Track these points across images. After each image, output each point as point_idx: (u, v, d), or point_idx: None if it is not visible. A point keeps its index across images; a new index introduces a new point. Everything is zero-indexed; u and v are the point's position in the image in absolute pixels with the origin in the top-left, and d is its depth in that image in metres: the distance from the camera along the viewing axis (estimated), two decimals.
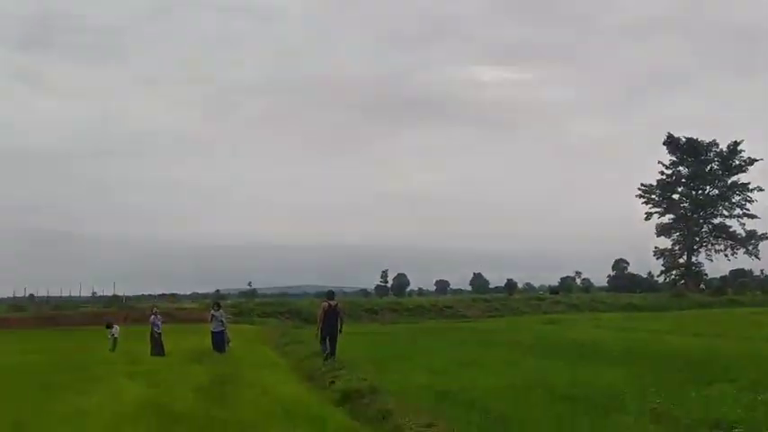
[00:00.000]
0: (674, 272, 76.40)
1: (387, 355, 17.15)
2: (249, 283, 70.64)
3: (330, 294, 17.19)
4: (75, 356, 17.15)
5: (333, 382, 11.98)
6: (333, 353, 15.82)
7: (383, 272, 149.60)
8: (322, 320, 16.08)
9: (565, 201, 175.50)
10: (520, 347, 18.87)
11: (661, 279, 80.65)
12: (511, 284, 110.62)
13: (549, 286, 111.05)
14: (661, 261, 76.23)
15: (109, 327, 20.73)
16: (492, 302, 60.46)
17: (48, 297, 65.06)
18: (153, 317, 19.22)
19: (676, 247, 74.97)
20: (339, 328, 16.15)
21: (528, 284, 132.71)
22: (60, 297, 65.00)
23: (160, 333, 18.92)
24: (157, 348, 18.49)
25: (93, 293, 79.55)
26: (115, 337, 19.85)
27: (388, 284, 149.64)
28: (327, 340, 15.97)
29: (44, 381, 11.76)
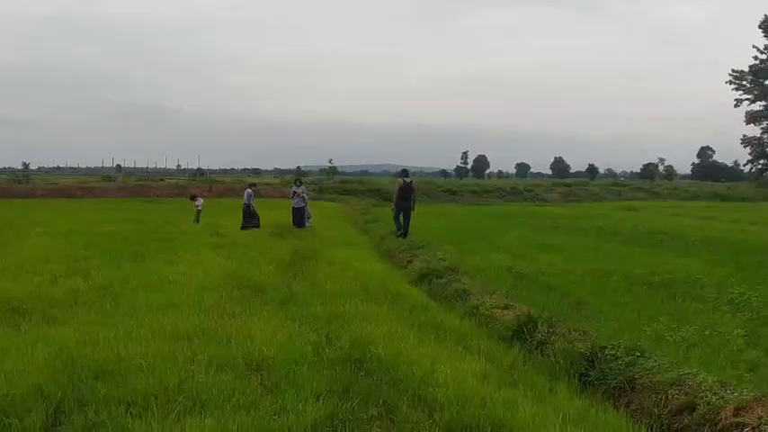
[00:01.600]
0: (761, 161, 71.79)
1: (465, 237, 17.17)
2: (330, 161, 71.12)
3: (405, 172, 17.69)
4: (163, 227, 17.78)
5: (411, 261, 11.98)
6: (406, 230, 16.30)
7: (463, 153, 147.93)
8: (398, 197, 16.55)
9: (651, 85, 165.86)
10: (599, 234, 18.68)
11: (747, 168, 76.58)
12: (592, 169, 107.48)
13: (631, 172, 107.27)
14: (748, 150, 71.73)
15: (193, 199, 21.23)
16: (572, 187, 59.28)
17: (135, 168, 68.04)
18: (249, 192, 19.47)
19: (765, 136, 69.90)
20: (412, 204, 16.56)
21: (609, 170, 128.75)
22: (146, 169, 67.97)
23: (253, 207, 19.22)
24: (254, 221, 18.82)
25: (178, 166, 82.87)
26: (199, 210, 20.31)
27: (468, 166, 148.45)
28: (401, 216, 16.45)
29: (134, 250, 12.21)
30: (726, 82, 69.43)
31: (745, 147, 71.80)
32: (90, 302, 7.37)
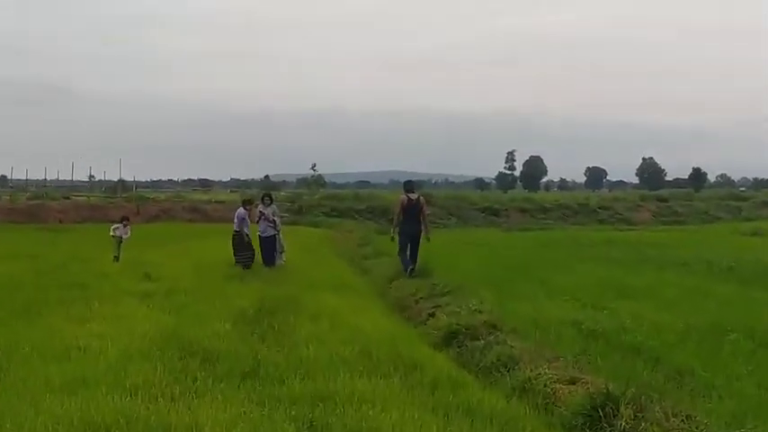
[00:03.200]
0: None
1: (510, 276, 17.16)
2: (313, 167, 71.47)
3: (409, 185, 17.97)
4: (68, 267, 17.78)
5: (433, 315, 11.96)
6: (414, 263, 16.82)
7: (509, 154, 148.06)
8: (399, 219, 17.21)
9: None
10: (709, 271, 18.70)
11: None
12: (698, 175, 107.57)
13: (757, 179, 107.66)
14: None
15: (122, 223, 21.11)
16: (669, 202, 59.26)
17: (27, 180, 67.98)
18: (242, 212, 19.41)
19: None
20: (423, 229, 17.13)
21: (723, 176, 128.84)
22: (44, 181, 67.86)
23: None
24: (249, 253, 18.77)
25: (91, 177, 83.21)
26: (121, 240, 20.21)
27: (516, 172, 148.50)
28: (408, 247, 16.99)
29: (26, 300, 12.19)
30: None
31: None
32: None
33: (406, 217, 17.10)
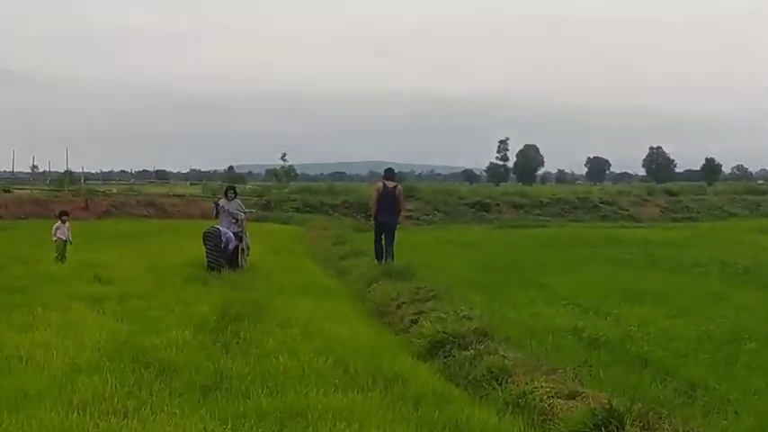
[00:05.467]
0: None
1: (504, 279, 17.23)
2: (283, 157, 71.29)
3: (389, 173, 19.19)
4: (8, 270, 17.64)
5: (416, 321, 11.97)
6: (390, 254, 18.03)
7: (501, 143, 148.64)
8: (377, 208, 18.37)
9: None
10: (723, 273, 18.77)
11: None
12: (711, 167, 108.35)
13: None
14: None
15: (62, 219, 20.87)
16: (679, 196, 59.54)
17: None
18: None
19: None
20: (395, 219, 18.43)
21: (739, 168, 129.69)
22: None
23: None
24: (224, 256, 18.38)
25: (34, 167, 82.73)
26: (64, 240, 20.07)
27: (509, 163, 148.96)
28: (383, 237, 18.27)
29: None
30: None
31: None
32: None
33: (380, 205, 18.22)
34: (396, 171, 20.25)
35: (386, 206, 18.25)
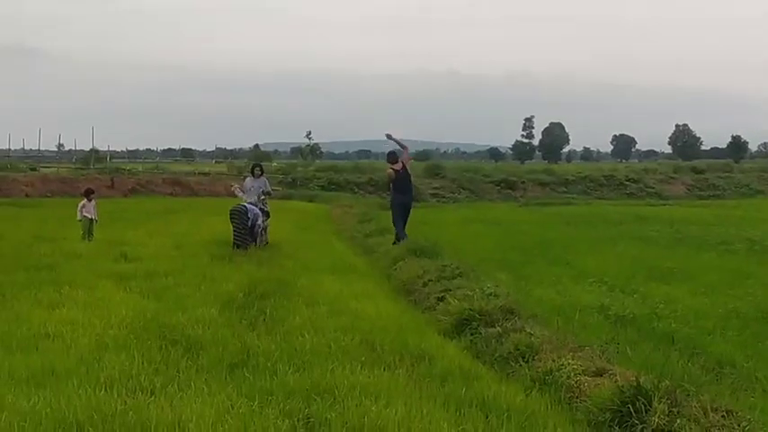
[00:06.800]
0: None
1: (530, 257, 17.23)
2: (308, 135, 71.22)
3: (392, 156, 19.54)
4: (35, 247, 17.76)
5: (442, 299, 11.96)
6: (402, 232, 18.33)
7: (526, 120, 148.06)
8: (394, 190, 18.88)
9: None
10: (751, 250, 18.78)
11: None
12: (738, 144, 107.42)
13: None
14: None
15: (88, 198, 20.87)
16: (705, 174, 59.10)
17: None
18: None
19: None
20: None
21: (766, 145, 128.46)
22: (7, 151, 67.75)
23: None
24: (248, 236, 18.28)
25: (60, 146, 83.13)
26: (90, 219, 20.12)
27: (534, 141, 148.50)
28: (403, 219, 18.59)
29: None
30: None
31: None
32: None
33: (396, 189, 18.64)
34: (395, 151, 20.27)
35: (403, 187, 18.68)
